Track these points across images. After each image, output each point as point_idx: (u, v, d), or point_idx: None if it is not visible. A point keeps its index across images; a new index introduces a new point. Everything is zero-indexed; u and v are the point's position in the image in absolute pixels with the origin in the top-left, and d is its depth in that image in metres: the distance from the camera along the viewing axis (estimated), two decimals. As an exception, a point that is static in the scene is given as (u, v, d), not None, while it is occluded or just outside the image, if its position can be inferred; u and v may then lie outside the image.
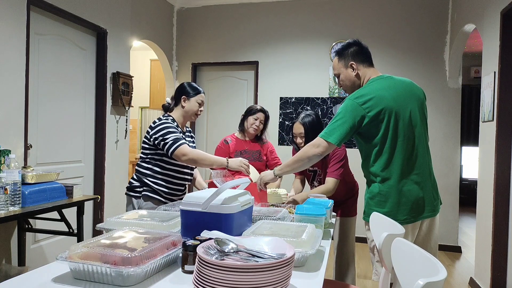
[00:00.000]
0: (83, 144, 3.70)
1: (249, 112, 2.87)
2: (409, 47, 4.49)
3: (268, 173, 2.10)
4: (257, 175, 2.25)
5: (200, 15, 5.16)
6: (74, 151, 3.58)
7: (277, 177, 2.07)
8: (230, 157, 2.63)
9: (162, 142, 2.14)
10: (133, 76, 4.24)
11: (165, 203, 2.22)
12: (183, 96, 2.28)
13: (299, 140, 2.42)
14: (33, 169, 2.55)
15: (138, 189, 2.23)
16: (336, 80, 2.12)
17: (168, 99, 2.40)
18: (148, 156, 2.24)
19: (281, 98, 4.88)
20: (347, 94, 1.99)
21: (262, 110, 2.86)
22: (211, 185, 2.23)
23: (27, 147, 2.97)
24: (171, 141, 2.12)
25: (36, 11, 3.10)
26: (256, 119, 2.82)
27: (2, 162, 2.35)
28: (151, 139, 2.18)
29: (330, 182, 2.33)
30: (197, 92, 2.30)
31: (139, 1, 4.36)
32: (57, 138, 3.37)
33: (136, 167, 2.29)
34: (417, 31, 4.45)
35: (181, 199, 2.31)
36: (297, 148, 2.48)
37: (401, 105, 1.82)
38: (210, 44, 5.13)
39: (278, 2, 4.88)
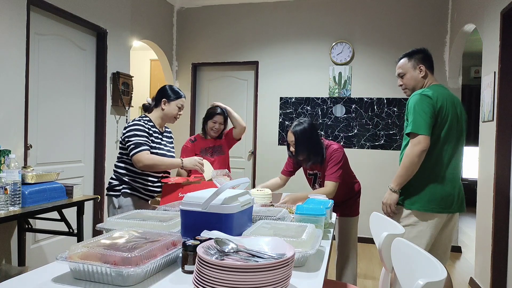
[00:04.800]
0: (83, 144, 3.70)
1: (208, 116, 3.00)
2: (409, 47, 4.42)
3: (390, 196, 2.06)
4: (211, 172, 2.25)
5: (200, 15, 5.17)
6: (74, 151, 3.58)
7: (398, 192, 2.05)
8: (196, 155, 2.82)
9: (127, 144, 2.20)
10: (133, 76, 4.24)
11: (145, 199, 2.30)
12: (164, 99, 2.32)
13: (292, 148, 2.40)
14: (33, 169, 2.55)
15: (117, 188, 2.27)
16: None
17: (149, 99, 2.43)
18: (124, 156, 2.28)
19: (281, 98, 4.88)
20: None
21: (220, 113, 2.97)
22: (165, 188, 2.20)
23: (27, 147, 2.97)
24: (132, 145, 2.17)
25: (36, 11, 3.10)
26: (215, 123, 2.96)
27: (2, 162, 2.35)
28: (123, 140, 2.24)
29: (329, 185, 2.32)
30: (178, 96, 2.35)
31: (139, 1, 4.36)
32: (57, 138, 3.37)
33: (114, 168, 2.33)
34: (417, 31, 4.45)
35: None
36: (291, 155, 2.49)
37: (456, 112, 2.07)
38: (210, 44, 5.13)
39: (278, 2, 4.88)
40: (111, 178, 2.31)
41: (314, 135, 2.37)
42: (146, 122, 2.27)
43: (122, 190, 2.26)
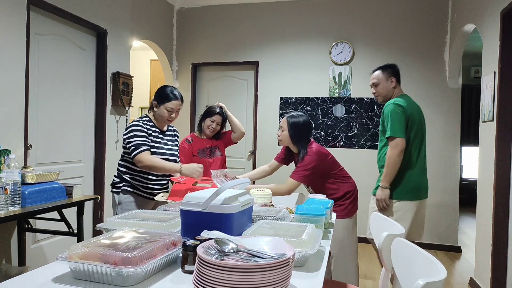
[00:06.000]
0: (83, 144, 3.70)
1: (207, 114, 2.99)
2: (409, 47, 4.48)
3: (382, 192, 2.46)
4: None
5: (200, 15, 5.17)
6: (74, 151, 3.58)
7: (389, 188, 2.45)
8: (193, 155, 2.90)
9: (128, 146, 2.26)
10: (133, 76, 4.24)
11: (144, 197, 2.36)
12: (155, 102, 2.36)
13: (279, 132, 2.54)
14: (33, 169, 2.55)
15: (118, 185, 2.37)
16: (372, 88, 2.71)
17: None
18: (125, 155, 2.37)
19: (281, 98, 4.88)
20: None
21: (220, 113, 2.97)
22: (175, 186, 2.22)
23: (27, 147, 2.96)
24: (133, 147, 2.24)
25: (36, 11, 3.10)
26: (212, 121, 2.96)
27: (2, 162, 2.35)
28: (124, 141, 2.31)
29: (288, 182, 2.40)
30: (167, 100, 2.33)
31: (139, 1, 4.36)
32: (57, 138, 3.37)
33: (118, 166, 2.42)
34: (417, 31, 4.45)
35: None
36: (278, 138, 2.64)
37: (419, 117, 2.52)
38: (210, 44, 5.13)
39: (278, 2, 4.88)
40: (114, 176, 2.43)
41: (303, 131, 2.47)
42: (145, 122, 2.34)
43: (122, 188, 2.35)
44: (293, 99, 4.84)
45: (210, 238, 1.08)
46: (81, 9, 3.48)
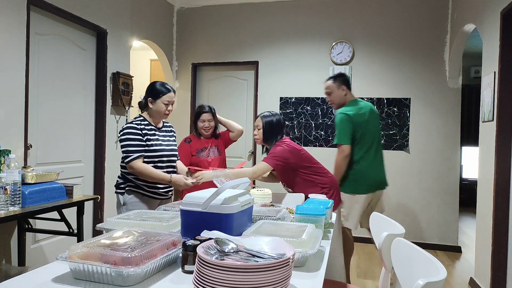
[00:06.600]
0: (83, 144, 3.70)
1: (196, 116, 3.02)
2: (409, 47, 4.48)
3: None
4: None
5: (200, 15, 5.16)
6: (74, 151, 3.58)
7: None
8: (192, 155, 2.91)
9: (121, 150, 2.29)
10: (133, 76, 4.24)
11: (149, 196, 2.36)
12: (149, 98, 2.36)
13: (255, 132, 2.58)
14: (33, 169, 2.55)
15: (122, 186, 2.37)
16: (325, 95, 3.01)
17: (142, 96, 2.46)
18: None
19: (281, 98, 4.88)
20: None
21: (207, 111, 2.98)
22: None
23: (27, 147, 2.96)
24: (124, 154, 2.26)
25: (36, 11, 3.09)
26: (203, 121, 2.98)
27: (2, 162, 2.35)
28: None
29: (257, 164, 2.44)
30: (162, 93, 2.33)
31: (139, 1, 4.36)
32: (57, 138, 3.37)
33: (120, 167, 2.40)
34: (417, 31, 4.45)
35: (166, 192, 2.44)
36: (254, 137, 2.67)
37: (366, 120, 2.82)
38: (210, 44, 5.13)
39: (278, 2, 4.88)
40: (118, 177, 2.41)
41: (277, 129, 2.52)
42: (139, 122, 2.32)
43: (127, 188, 2.35)
44: (293, 99, 4.83)
45: (210, 238, 1.08)
46: (81, 9, 3.48)
